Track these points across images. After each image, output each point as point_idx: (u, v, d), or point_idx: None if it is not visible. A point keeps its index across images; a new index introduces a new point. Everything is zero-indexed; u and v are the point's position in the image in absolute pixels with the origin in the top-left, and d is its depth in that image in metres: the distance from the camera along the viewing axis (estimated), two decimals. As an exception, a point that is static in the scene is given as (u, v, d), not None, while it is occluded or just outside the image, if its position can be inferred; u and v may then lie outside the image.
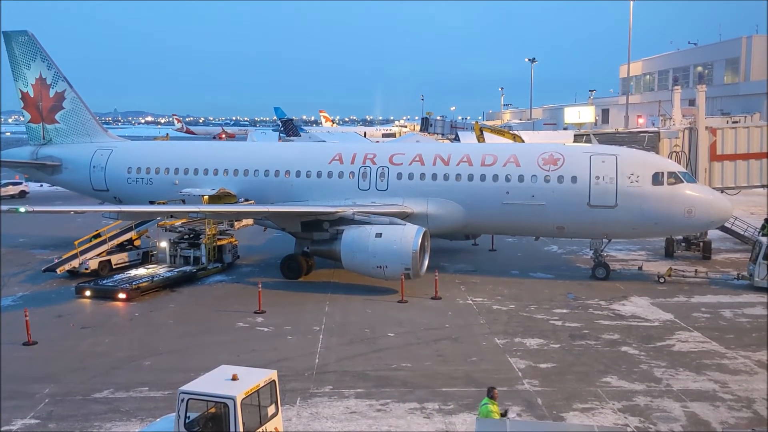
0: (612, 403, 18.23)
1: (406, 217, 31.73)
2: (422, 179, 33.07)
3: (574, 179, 30.92)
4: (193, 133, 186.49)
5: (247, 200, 35.14)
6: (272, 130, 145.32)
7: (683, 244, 37.51)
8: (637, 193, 30.17)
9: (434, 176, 32.95)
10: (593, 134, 39.64)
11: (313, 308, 27.56)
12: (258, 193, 35.42)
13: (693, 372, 20.56)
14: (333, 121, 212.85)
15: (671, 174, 30.50)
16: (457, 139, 79.10)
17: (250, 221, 34.76)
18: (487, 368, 20.91)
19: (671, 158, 36.10)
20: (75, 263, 31.70)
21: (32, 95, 41.96)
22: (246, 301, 28.04)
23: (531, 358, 21.84)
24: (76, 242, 32.34)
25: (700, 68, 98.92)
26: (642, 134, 40.39)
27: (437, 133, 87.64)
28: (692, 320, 25.95)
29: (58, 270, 31.38)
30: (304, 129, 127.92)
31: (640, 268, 34.02)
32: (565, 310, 27.24)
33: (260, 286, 27.90)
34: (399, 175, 33.42)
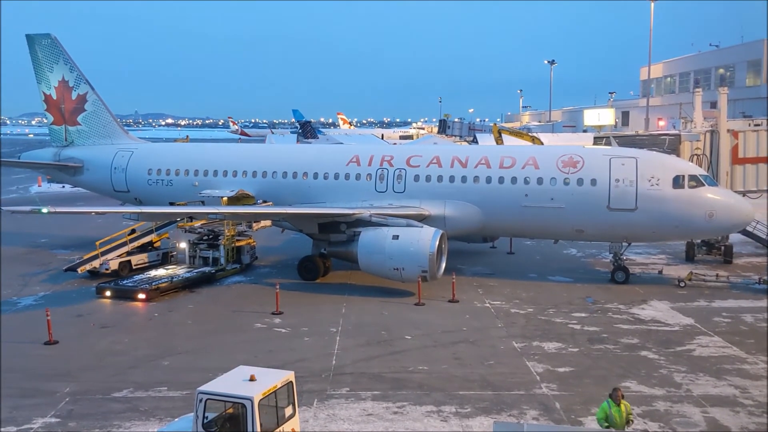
0: (631, 408, 18.03)
1: (423, 219, 31.70)
2: (440, 181, 33.02)
3: (593, 182, 30.72)
4: (248, 135, 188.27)
5: (265, 202, 35.31)
6: (291, 132, 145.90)
7: (704, 248, 37.10)
8: (657, 196, 29.90)
9: (452, 178, 32.88)
10: (613, 137, 39.32)
11: (329, 309, 27.61)
12: (276, 194, 35.58)
13: (713, 377, 20.33)
14: (350, 124, 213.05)
15: (692, 177, 30.20)
16: (475, 141, 78.97)
17: (268, 222, 34.93)
18: (504, 372, 20.82)
19: (692, 161, 35.74)
20: (96, 263, 32.05)
21: (55, 97, 42.50)
22: (263, 302, 28.16)
23: (549, 361, 21.71)
24: (97, 243, 32.68)
25: (721, 70, 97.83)
26: (663, 137, 40.00)
27: (455, 135, 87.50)
28: (713, 325, 25.66)
29: (79, 270, 31.76)
30: (322, 131, 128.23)
31: (660, 272, 33.73)
32: (583, 314, 27.06)
33: (278, 287, 27.99)
34: (416, 177, 33.40)
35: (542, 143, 62.29)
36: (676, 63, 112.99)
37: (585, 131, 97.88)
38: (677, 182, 29.97)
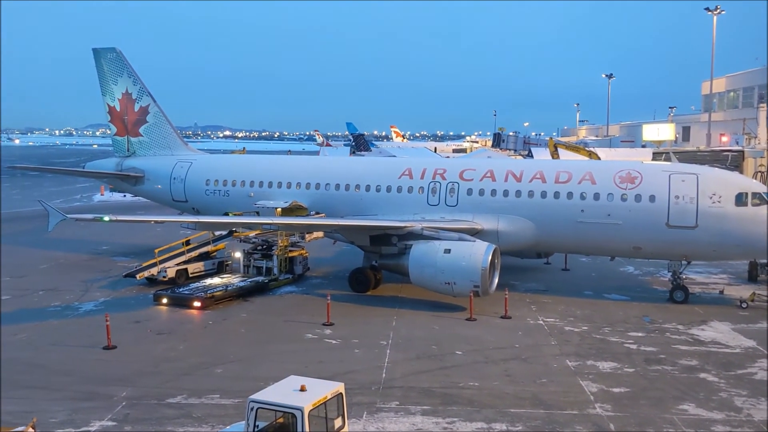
0: (689, 432, 17.49)
1: (475, 233, 31.48)
2: (493, 195, 32.75)
3: (652, 198, 30.02)
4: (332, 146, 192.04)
5: (318, 213, 35.65)
6: (344, 144, 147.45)
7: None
8: (718, 213, 29.02)
9: (506, 192, 32.58)
10: (673, 152, 38.45)
11: (380, 322, 27.62)
12: (329, 206, 35.88)
13: (777, 403, 19.53)
14: (403, 137, 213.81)
15: (756, 195, 29.22)
16: (530, 155, 78.22)
17: (320, 234, 35.24)
18: (557, 390, 20.42)
19: (756, 178, 34.67)
20: (154, 271, 32.89)
21: (118, 109, 43.92)
22: (315, 313, 28.37)
23: (603, 381, 21.21)
24: (156, 251, 33.55)
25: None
26: (725, 153, 38.98)
27: (509, 149, 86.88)
28: (777, 348, 24.68)
29: (137, 276, 32.67)
30: (375, 144, 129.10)
31: (721, 292, 32.70)
32: (640, 334, 26.37)
33: (329, 298, 28.16)
34: (469, 191, 33.22)
35: (599, 158, 61.24)
36: (739, 77, 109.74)
37: (644, 146, 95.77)
38: (740, 200, 29.05)
